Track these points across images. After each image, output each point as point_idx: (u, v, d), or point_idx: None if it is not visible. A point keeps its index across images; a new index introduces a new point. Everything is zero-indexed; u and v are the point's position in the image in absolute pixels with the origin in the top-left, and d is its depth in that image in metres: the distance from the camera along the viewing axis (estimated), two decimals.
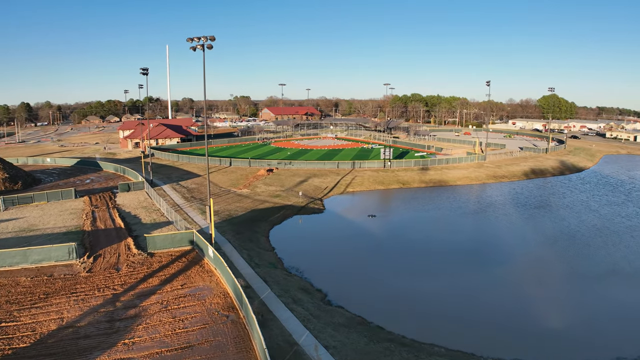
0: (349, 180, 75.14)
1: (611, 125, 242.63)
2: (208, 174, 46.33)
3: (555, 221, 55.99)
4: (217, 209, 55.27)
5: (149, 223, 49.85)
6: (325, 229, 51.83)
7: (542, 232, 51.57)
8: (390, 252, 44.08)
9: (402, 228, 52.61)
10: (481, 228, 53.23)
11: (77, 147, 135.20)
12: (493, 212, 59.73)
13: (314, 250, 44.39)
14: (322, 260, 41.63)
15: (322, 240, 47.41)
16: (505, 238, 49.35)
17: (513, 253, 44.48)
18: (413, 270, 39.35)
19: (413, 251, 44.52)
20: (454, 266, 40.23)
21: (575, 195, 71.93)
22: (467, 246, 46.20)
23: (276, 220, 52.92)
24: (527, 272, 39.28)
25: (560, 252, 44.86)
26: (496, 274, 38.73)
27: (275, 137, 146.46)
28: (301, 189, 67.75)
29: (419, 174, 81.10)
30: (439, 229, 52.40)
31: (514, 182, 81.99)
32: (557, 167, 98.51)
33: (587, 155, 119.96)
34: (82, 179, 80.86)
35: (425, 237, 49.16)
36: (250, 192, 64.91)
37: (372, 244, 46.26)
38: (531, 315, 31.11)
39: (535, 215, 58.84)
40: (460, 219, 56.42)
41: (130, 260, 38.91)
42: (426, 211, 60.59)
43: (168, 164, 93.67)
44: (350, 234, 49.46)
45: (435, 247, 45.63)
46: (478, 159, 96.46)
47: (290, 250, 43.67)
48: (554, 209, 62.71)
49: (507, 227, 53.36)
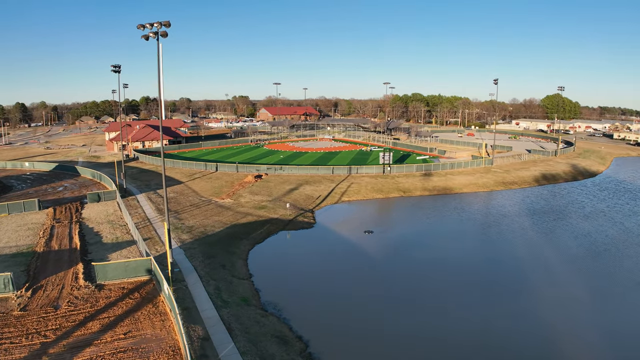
0: (345, 187, 68.22)
1: (616, 125, 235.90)
2: (165, 189, 39.41)
3: (578, 237, 49.09)
4: (191, 224, 48.38)
5: (110, 243, 43.05)
6: (314, 248, 44.90)
7: (566, 250, 44.67)
8: (389, 278, 37.21)
9: (403, 247, 45.63)
10: (495, 245, 46.29)
11: (62, 150, 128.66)
12: (507, 226, 52.81)
13: (299, 277, 37.54)
14: (308, 290, 34.82)
15: (309, 264, 40.53)
16: (525, 259, 42.37)
17: (536, 279, 37.52)
18: (418, 303, 32.45)
19: (417, 277, 37.67)
20: (468, 297, 33.35)
21: (595, 204, 65.04)
22: (480, 269, 39.31)
23: (258, 237, 46.02)
24: (558, 306, 32.36)
25: (590, 275, 37.97)
26: (519, 306, 31.82)
27: (270, 139, 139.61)
28: (291, 198, 60.85)
29: (422, 180, 74.12)
30: (446, 247, 45.46)
31: (525, 189, 75.05)
32: (569, 171, 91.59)
33: (597, 158, 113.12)
34: (55, 186, 74.25)
35: (431, 258, 42.22)
36: (233, 202, 58.02)
37: (369, 268, 39.38)
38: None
39: (555, 229, 51.94)
40: (470, 235, 49.55)
41: (74, 295, 32.11)
42: (430, 225, 53.69)
43: (151, 168, 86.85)
44: (343, 256, 42.59)
45: (442, 271, 38.73)
46: (485, 163, 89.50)
47: (270, 277, 36.87)
48: (573, 220, 55.81)
49: (525, 245, 46.41)
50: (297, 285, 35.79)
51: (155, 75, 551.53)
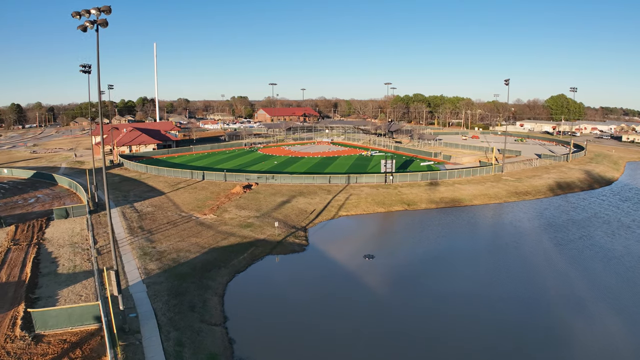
0: (342, 200, 61.71)
1: (622, 126, 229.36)
2: (109, 214, 33.07)
3: (610, 260, 42.48)
4: (163, 247, 41.94)
5: (65, 274, 36.68)
6: (305, 278, 38.35)
7: (603, 284, 38.13)
8: (392, 321, 30.80)
9: (409, 277, 39.00)
10: (517, 277, 39.53)
11: (48, 154, 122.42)
12: (527, 248, 46.25)
13: (284, 319, 31.07)
14: (295, 337, 28.42)
15: (297, 301, 34.04)
16: (554, 295, 35.80)
17: (573, 323, 31.09)
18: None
19: (426, 320, 31.27)
20: (491, 354, 26.95)
21: (619, 218, 58.56)
22: (505, 312, 32.86)
23: (240, 264, 39.56)
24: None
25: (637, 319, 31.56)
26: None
27: (265, 142, 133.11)
28: (281, 213, 54.38)
29: (427, 190, 67.55)
30: (460, 277, 38.91)
31: (540, 200, 68.52)
32: (584, 179, 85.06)
33: (610, 163, 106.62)
34: (28, 197, 68.02)
35: (443, 292, 35.70)
36: (216, 218, 51.58)
37: (368, 307, 32.94)
38: None
39: (582, 252, 45.28)
40: (487, 262, 42.97)
41: (5, 350, 25.80)
42: (440, 247, 47.05)
43: (134, 176, 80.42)
44: (338, 289, 36.09)
45: (459, 312, 32.29)
46: (495, 171, 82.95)
47: (249, 320, 30.46)
48: (600, 239, 49.27)
49: (551, 274, 39.69)
50: (281, 330, 29.36)
51: (152, 76, 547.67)
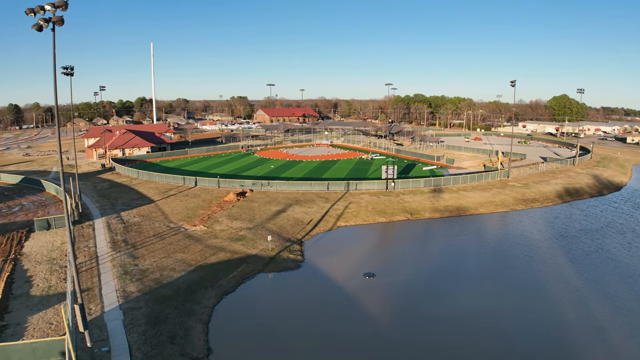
0: (341, 208, 58.45)
1: (625, 127, 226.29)
2: (70, 238, 29.93)
3: (630, 278, 39.24)
4: (146, 265, 38.69)
5: (38, 296, 33.52)
6: (299, 300, 34.96)
7: (625, 307, 34.94)
8: (396, 355, 27.59)
9: (413, 301, 35.66)
10: (531, 299, 36.37)
11: (40, 157, 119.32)
12: (539, 263, 42.98)
13: (275, 351, 27.86)
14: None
15: (290, 327, 30.80)
16: (573, 323, 32.64)
17: None
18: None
19: (433, 354, 28.07)
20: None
21: (633, 227, 55.33)
22: (519, 345, 29.65)
23: (229, 284, 36.32)
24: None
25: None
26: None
27: (263, 144, 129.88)
28: (276, 224, 51.15)
29: (431, 198, 64.26)
30: (468, 301, 35.62)
31: (549, 208, 65.26)
32: (593, 184, 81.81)
33: (617, 167, 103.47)
34: (13, 204, 64.86)
35: (450, 319, 32.50)
36: (206, 230, 48.35)
37: (370, 339, 29.70)
38: None
39: (598, 267, 41.91)
40: (498, 282, 39.64)
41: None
42: (446, 263, 43.60)
43: (124, 182, 77.20)
44: (336, 313, 32.84)
45: (468, 342, 29.07)
46: (500, 176, 79.65)
47: (235, 352, 27.26)
48: (617, 252, 46.00)
49: (568, 297, 36.36)
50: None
51: (156, 76, 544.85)
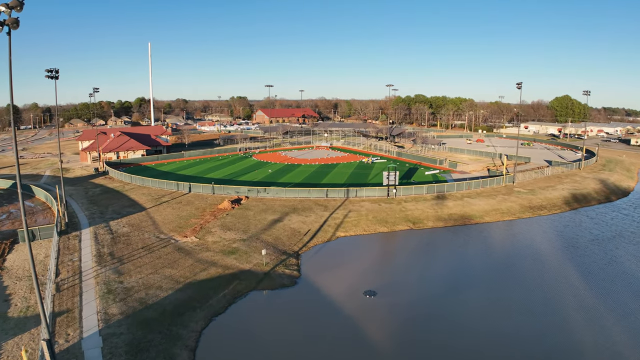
0: (341, 217, 55.84)
1: (628, 128, 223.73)
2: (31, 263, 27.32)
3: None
4: (131, 282, 36.09)
5: (16, 317, 31.07)
6: (294, 324, 32.28)
7: None
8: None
9: (417, 323, 33.11)
10: (544, 320, 33.86)
11: (34, 160, 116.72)
12: (552, 279, 40.37)
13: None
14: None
15: (283, 356, 28.25)
16: (593, 350, 30.08)
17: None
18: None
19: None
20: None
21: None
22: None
23: (219, 304, 33.70)
24: None
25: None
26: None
27: (261, 147, 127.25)
28: (272, 235, 48.55)
29: (434, 206, 61.61)
30: (477, 324, 33.13)
31: (557, 216, 62.63)
32: (600, 189, 79.19)
33: (624, 171, 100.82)
34: (0, 212, 62.28)
35: (458, 342, 29.92)
36: (197, 242, 45.78)
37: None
38: None
39: (614, 282, 39.34)
40: (507, 300, 37.09)
41: None
42: (451, 279, 40.81)
43: (117, 187, 74.60)
44: (334, 339, 30.28)
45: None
46: (505, 181, 77.00)
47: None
48: (632, 264, 43.38)
49: (584, 317, 33.92)
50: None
51: (155, 76, 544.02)
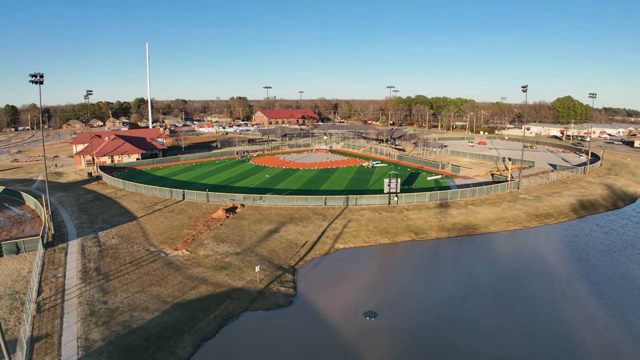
0: (340, 227, 53.51)
1: (631, 129, 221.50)
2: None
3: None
4: (116, 303, 33.73)
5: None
6: (287, 349, 30.04)
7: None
8: None
9: (422, 350, 30.87)
10: (555, 343, 31.60)
11: (28, 163, 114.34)
12: (562, 295, 38.06)
13: None
14: None
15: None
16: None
17: None
18: None
19: None
20: None
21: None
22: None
23: (209, 327, 31.39)
24: None
25: None
26: None
27: (259, 149, 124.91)
28: (267, 248, 46.23)
29: (437, 214, 59.23)
30: (486, 349, 30.86)
31: (565, 225, 60.29)
32: (607, 195, 76.83)
33: (629, 175, 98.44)
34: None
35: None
36: (189, 256, 43.47)
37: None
38: None
39: (630, 302, 37.19)
40: (516, 319, 34.85)
41: None
42: (457, 297, 38.25)
43: (109, 193, 72.23)
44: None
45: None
46: (510, 187, 74.64)
47: None
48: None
49: (597, 340, 31.64)
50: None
51: (155, 76, 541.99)
